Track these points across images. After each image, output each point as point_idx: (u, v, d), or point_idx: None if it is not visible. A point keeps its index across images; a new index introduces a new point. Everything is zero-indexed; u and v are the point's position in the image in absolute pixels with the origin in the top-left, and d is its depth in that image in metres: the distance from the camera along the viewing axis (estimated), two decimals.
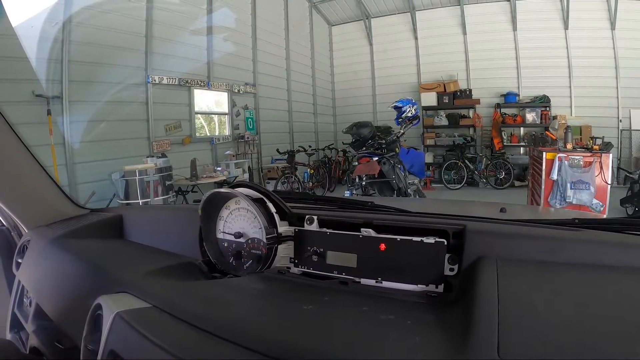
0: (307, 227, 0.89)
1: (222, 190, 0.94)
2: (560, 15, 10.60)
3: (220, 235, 1.02)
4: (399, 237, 0.73)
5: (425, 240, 0.72)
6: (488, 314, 0.52)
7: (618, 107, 10.35)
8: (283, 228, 0.90)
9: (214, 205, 0.99)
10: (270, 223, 0.89)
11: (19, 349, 1.15)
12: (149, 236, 1.28)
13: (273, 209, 0.89)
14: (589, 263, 0.68)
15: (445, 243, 0.72)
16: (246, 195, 0.92)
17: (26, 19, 5.07)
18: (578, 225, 0.86)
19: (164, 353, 0.56)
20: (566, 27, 10.57)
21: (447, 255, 0.72)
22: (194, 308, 0.67)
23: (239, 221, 0.97)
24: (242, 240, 0.97)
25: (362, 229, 0.81)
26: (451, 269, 0.72)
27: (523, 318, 0.52)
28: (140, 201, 5.50)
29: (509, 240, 0.74)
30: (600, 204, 5.51)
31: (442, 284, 0.71)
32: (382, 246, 0.75)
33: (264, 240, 0.90)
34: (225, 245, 1.01)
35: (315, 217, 0.88)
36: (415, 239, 0.73)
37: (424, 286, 0.71)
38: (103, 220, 1.40)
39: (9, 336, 1.36)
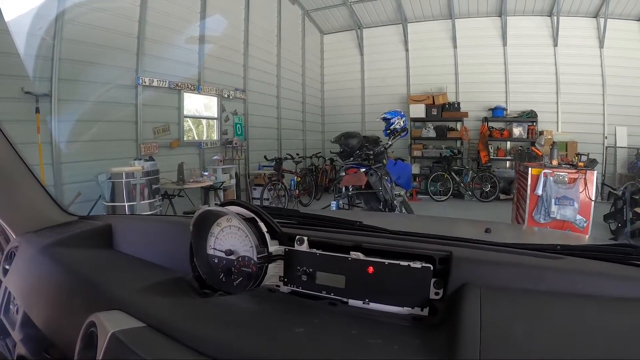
0: (297, 247, 0.91)
1: (214, 208, 0.95)
2: (550, 32, 10.81)
3: (210, 252, 1.02)
4: (386, 261, 0.76)
5: (412, 265, 0.75)
6: (471, 339, 0.55)
7: (604, 124, 10.55)
8: (274, 247, 0.92)
9: (205, 221, 1.00)
10: (262, 242, 0.91)
11: (5, 356, 1.14)
12: (139, 247, 1.28)
13: (264, 228, 0.91)
14: (569, 292, 0.70)
15: (432, 268, 0.75)
16: (238, 214, 0.94)
17: (18, 14, 5.02)
18: (560, 252, 0.89)
19: None
20: (555, 44, 10.77)
21: (432, 280, 0.75)
22: (189, 328, 0.68)
23: (230, 239, 0.98)
24: (232, 257, 0.98)
25: (351, 252, 0.83)
26: (436, 293, 0.74)
27: (503, 345, 0.55)
28: (126, 204, 5.46)
29: (493, 268, 0.76)
30: (584, 219, 5.61)
31: (428, 307, 0.74)
32: (370, 269, 0.77)
33: (255, 259, 0.92)
34: (216, 261, 1.02)
35: (305, 238, 0.90)
36: (402, 263, 0.75)
37: (409, 308, 0.74)
38: (92, 229, 1.39)
39: None
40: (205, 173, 7.65)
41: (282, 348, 0.60)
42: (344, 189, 5.24)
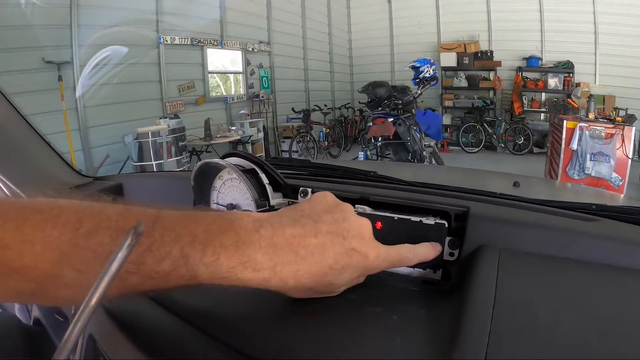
0: (300, 199, 0.83)
1: (212, 160, 0.88)
2: None
3: (214, 207, 0.97)
4: (396, 216, 0.65)
5: (425, 220, 0.64)
6: (480, 318, 0.45)
7: None
8: (276, 200, 0.83)
9: (206, 176, 0.93)
10: (262, 195, 0.83)
11: (22, 322, 1.14)
12: (148, 204, 1.24)
13: (265, 180, 0.82)
14: (604, 262, 0.58)
15: (447, 225, 0.63)
16: (237, 166, 0.85)
17: None
18: (595, 213, 0.78)
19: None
20: None
21: (447, 239, 0.64)
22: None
23: (232, 192, 0.91)
24: (235, 211, 0.92)
25: (356, 205, 0.72)
26: (451, 254, 0.64)
27: (521, 327, 0.45)
28: (154, 163, 5.52)
29: (516, 228, 0.65)
30: (620, 178, 5.39)
31: (441, 270, 0.64)
32: (378, 224, 0.65)
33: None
34: None
35: (309, 190, 0.81)
36: (413, 218, 0.64)
37: (421, 270, 0.64)
38: (104, 189, 1.37)
39: (17, 306, 1.37)
40: (233, 128, 7.66)
41: (267, 311, 0.53)
42: (372, 140, 5.16)
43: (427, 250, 0.58)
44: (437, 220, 0.64)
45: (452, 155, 10.11)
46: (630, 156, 5.41)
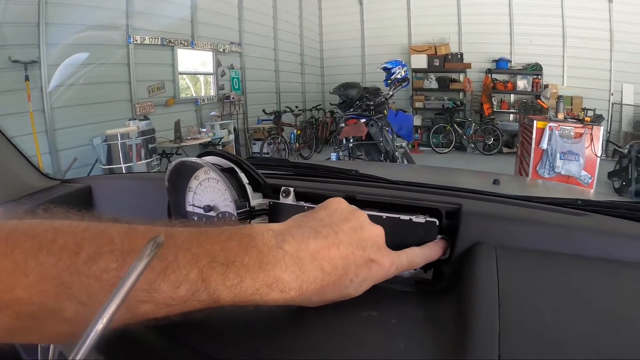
0: (282, 199, 0.79)
1: (188, 159, 0.84)
2: None
3: (189, 209, 0.92)
4: (384, 215, 0.63)
5: (415, 219, 0.62)
6: (487, 317, 0.44)
7: (610, 81, 10.28)
8: (256, 201, 0.79)
9: (181, 176, 0.87)
10: (242, 196, 0.80)
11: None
12: (118, 207, 1.20)
13: (245, 180, 0.78)
14: (600, 257, 0.59)
15: (437, 223, 0.62)
16: (215, 165, 0.81)
17: None
18: (581, 208, 0.78)
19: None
20: None
21: (438, 237, 0.63)
22: None
23: (209, 193, 0.86)
24: (212, 214, 0.88)
25: None
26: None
27: (528, 324, 0.44)
28: (123, 166, 5.41)
29: (510, 224, 0.64)
30: (589, 175, 5.57)
31: (432, 269, 0.62)
32: None
33: (235, 215, 0.81)
34: (195, 219, 0.93)
35: (291, 189, 0.77)
36: (403, 217, 0.62)
37: (412, 270, 0.61)
38: (71, 193, 1.32)
39: None
40: (203, 129, 7.59)
41: (254, 321, 0.49)
42: (344, 140, 5.17)
43: (432, 251, 0.58)
44: (428, 218, 0.62)
45: (423, 155, 10.21)
46: (599, 155, 5.58)
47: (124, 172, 5.36)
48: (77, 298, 0.33)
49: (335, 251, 0.44)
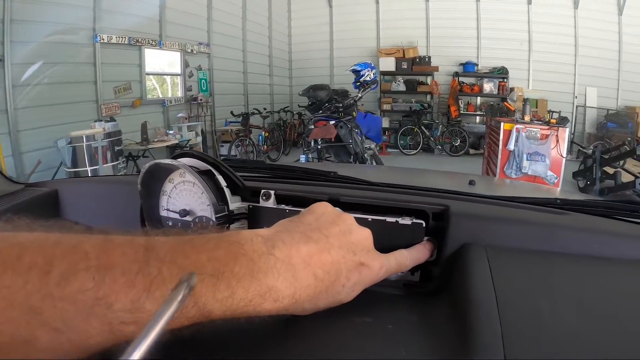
0: (262, 203, 0.75)
1: (163, 161, 0.80)
2: None
3: (164, 213, 0.87)
4: (369, 217, 0.61)
5: (401, 221, 0.61)
6: (487, 317, 0.43)
7: (574, 84, 10.71)
8: (235, 204, 0.76)
9: (155, 179, 0.82)
10: (220, 199, 0.76)
11: None
12: (87, 213, 1.16)
13: (223, 183, 0.75)
14: (586, 254, 0.60)
15: (424, 225, 0.61)
16: (191, 167, 0.77)
17: None
18: (561, 207, 0.80)
19: None
20: (529, 2, 10.68)
21: (424, 239, 0.62)
22: None
23: (185, 197, 0.81)
24: (188, 218, 0.83)
25: None
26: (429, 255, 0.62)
27: (527, 324, 0.44)
28: (89, 169, 5.28)
29: (499, 226, 0.64)
30: (555, 175, 5.74)
31: (419, 271, 0.62)
32: None
33: (214, 219, 0.78)
34: (170, 224, 0.88)
35: (272, 192, 0.74)
36: (389, 219, 0.61)
37: (399, 273, 0.59)
38: (37, 197, 1.27)
39: None
40: (170, 132, 7.49)
41: (242, 331, 0.45)
42: (312, 142, 5.17)
43: (420, 253, 0.57)
44: (414, 220, 0.61)
45: (391, 157, 10.30)
46: (564, 155, 5.75)
47: (89, 175, 5.24)
48: (50, 324, 0.29)
49: (327, 256, 0.42)
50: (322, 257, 0.42)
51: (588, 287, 0.54)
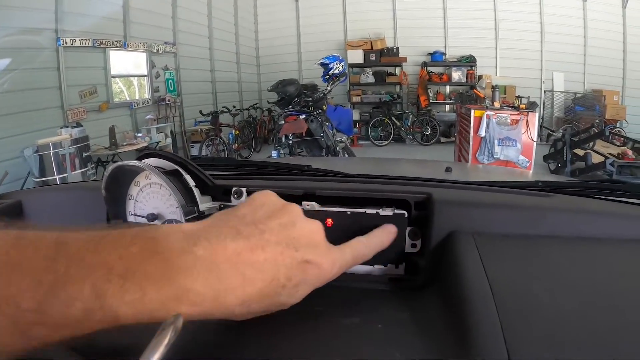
0: (234, 201, 0.71)
1: (126, 163, 0.76)
2: None
3: (131, 219, 0.80)
4: (349, 210, 0.59)
5: (382, 212, 0.58)
6: (485, 312, 0.41)
7: (542, 69, 10.94)
8: (205, 205, 0.72)
9: (120, 182, 0.77)
10: (189, 200, 0.71)
11: None
12: (53, 222, 1.12)
13: (191, 182, 0.70)
14: (574, 235, 0.59)
15: (406, 215, 0.58)
16: (157, 167, 0.72)
17: None
18: (543, 190, 0.80)
19: None
20: None
21: (407, 229, 0.59)
22: None
23: (152, 200, 0.77)
24: (157, 222, 0.81)
25: (303, 202, 0.63)
26: (413, 245, 0.59)
27: (526, 312, 0.42)
28: (57, 177, 5.17)
29: (485, 211, 0.63)
30: (527, 159, 5.88)
31: (404, 264, 0.59)
32: (329, 222, 0.58)
33: (183, 222, 0.75)
34: None
35: (243, 190, 0.70)
36: (369, 211, 0.58)
37: (382, 267, 0.59)
38: (0, 210, 1.24)
39: None
40: (139, 134, 7.38)
41: (221, 336, 0.44)
42: (284, 138, 5.16)
43: (382, 237, 0.52)
44: (396, 211, 0.59)
45: (363, 149, 10.34)
46: (535, 139, 5.89)
47: (58, 183, 5.13)
48: None
49: (259, 253, 0.37)
50: (253, 255, 0.37)
51: (582, 268, 0.53)
